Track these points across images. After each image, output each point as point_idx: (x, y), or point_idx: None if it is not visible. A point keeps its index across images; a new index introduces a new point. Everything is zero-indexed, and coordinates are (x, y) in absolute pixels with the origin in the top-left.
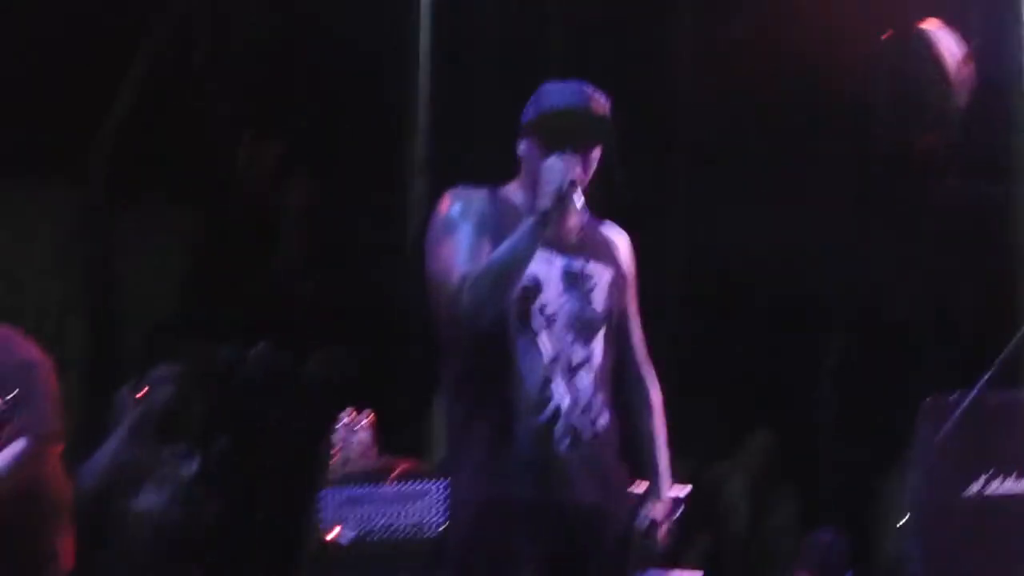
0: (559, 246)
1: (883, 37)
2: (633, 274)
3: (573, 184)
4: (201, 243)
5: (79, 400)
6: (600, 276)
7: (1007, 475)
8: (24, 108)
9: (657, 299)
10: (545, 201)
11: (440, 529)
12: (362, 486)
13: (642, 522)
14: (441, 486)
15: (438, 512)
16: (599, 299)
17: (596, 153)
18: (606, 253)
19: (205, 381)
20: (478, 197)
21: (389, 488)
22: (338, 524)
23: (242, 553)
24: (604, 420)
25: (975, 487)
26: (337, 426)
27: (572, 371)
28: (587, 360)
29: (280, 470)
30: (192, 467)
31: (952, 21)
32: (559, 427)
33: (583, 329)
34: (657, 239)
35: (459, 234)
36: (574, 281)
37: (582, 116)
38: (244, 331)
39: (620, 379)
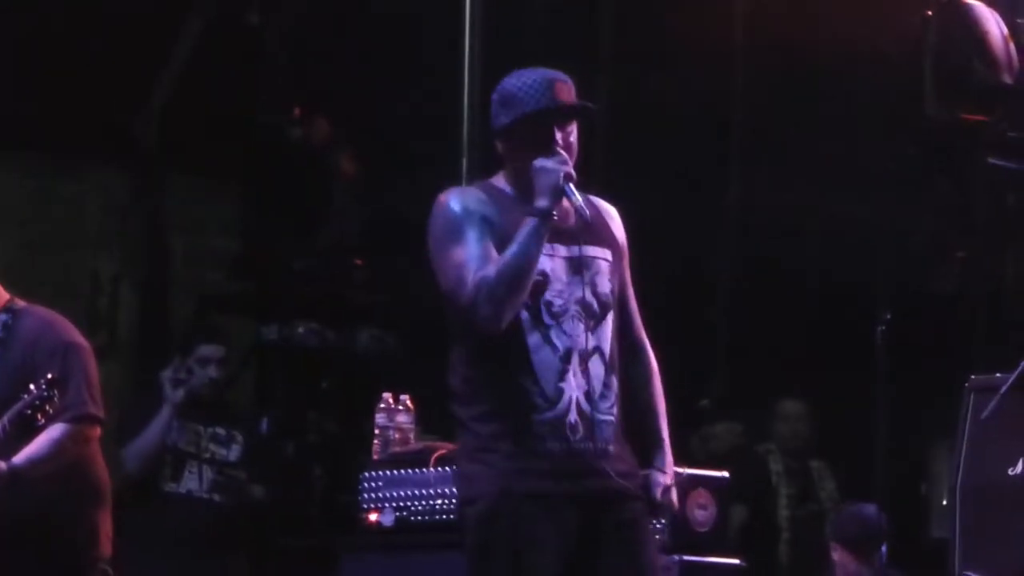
0: (558, 235)
1: (926, 14)
2: (626, 244)
3: (568, 177)
4: (250, 218)
5: (128, 376)
6: (601, 259)
7: None
8: (72, 83)
9: (708, 277)
10: (544, 201)
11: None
12: (403, 469)
13: (655, 489)
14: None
15: None
16: (603, 283)
17: (575, 132)
18: (602, 232)
19: (250, 361)
20: (474, 195)
21: (430, 471)
22: (379, 507)
23: (284, 535)
24: (616, 406)
25: (1019, 466)
26: (377, 409)
27: (584, 361)
28: (597, 348)
29: (323, 452)
30: (235, 449)
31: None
32: (571, 419)
33: (591, 317)
34: (711, 216)
35: (464, 238)
36: (578, 269)
37: (556, 112)
38: (291, 309)
39: (620, 349)
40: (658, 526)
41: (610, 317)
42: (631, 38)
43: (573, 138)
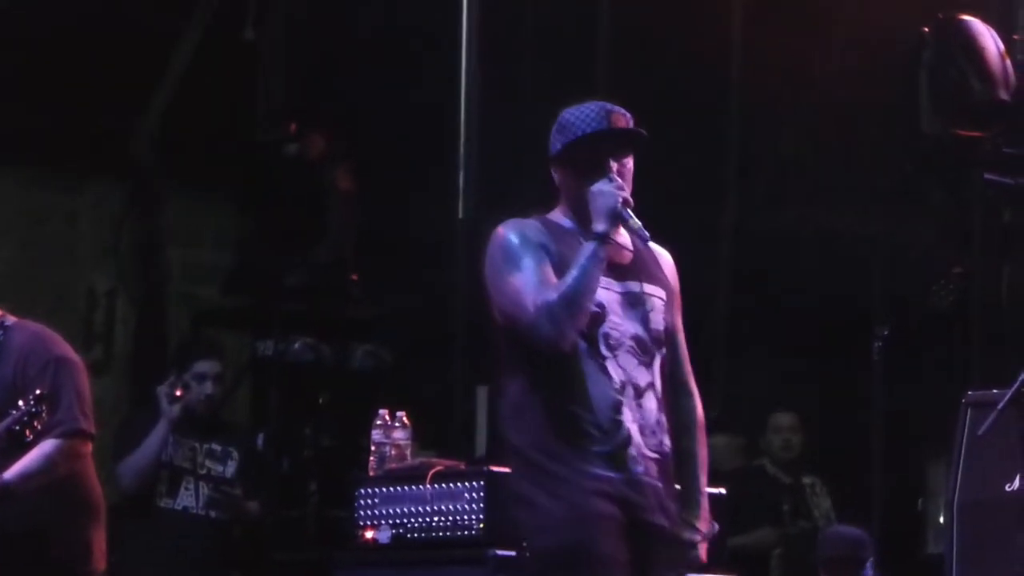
0: (612, 271)
1: (923, 30)
2: (678, 290)
3: (626, 203)
4: (246, 233)
5: (124, 391)
6: (655, 297)
7: None
8: (69, 95)
9: (704, 295)
10: (601, 224)
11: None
12: (399, 486)
13: (684, 544)
14: (478, 487)
15: (475, 512)
16: (656, 320)
17: (630, 164)
18: (657, 273)
19: (245, 376)
20: (531, 226)
21: (426, 488)
22: (376, 523)
23: (280, 551)
24: (667, 443)
25: (1017, 482)
26: (374, 425)
27: (639, 395)
28: (651, 383)
29: (318, 468)
30: (231, 466)
31: (994, 16)
32: (632, 451)
33: (645, 352)
34: (706, 233)
35: (523, 264)
36: (633, 304)
37: (608, 137)
38: (287, 324)
39: (667, 393)
40: None
41: (661, 355)
42: (628, 51)
43: (629, 167)
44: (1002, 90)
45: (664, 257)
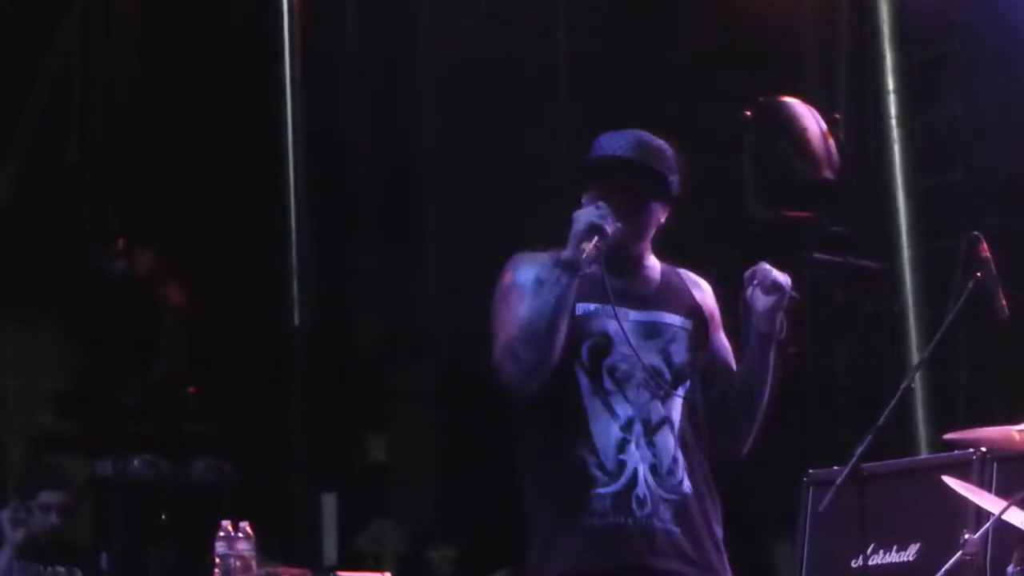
0: (631, 300)
1: (745, 114)
2: (718, 314)
3: (594, 230)
4: (79, 355)
5: None
6: (678, 327)
7: (889, 545)
8: None
9: None
10: (567, 250)
11: None
12: None
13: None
14: None
15: None
16: (679, 352)
17: (654, 209)
18: (683, 302)
19: (87, 497)
20: (538, 259)
21: None
22: None
23: None
24: (688, 484)
25: (858, 559)
26: (216, 538)
27: (651, 432)
28: (667, 419)
29: None
30: None
31: (815, 97)
32: (640, 492)
33: (661, 386)
34: None
35: (511, 301)
36: (650, 335)
37: (626, 165)
38: (126, 443)
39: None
40: None
41: (683, 389)
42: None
43: (652, 210)
44: (826, 169)
45: (697, 282)
